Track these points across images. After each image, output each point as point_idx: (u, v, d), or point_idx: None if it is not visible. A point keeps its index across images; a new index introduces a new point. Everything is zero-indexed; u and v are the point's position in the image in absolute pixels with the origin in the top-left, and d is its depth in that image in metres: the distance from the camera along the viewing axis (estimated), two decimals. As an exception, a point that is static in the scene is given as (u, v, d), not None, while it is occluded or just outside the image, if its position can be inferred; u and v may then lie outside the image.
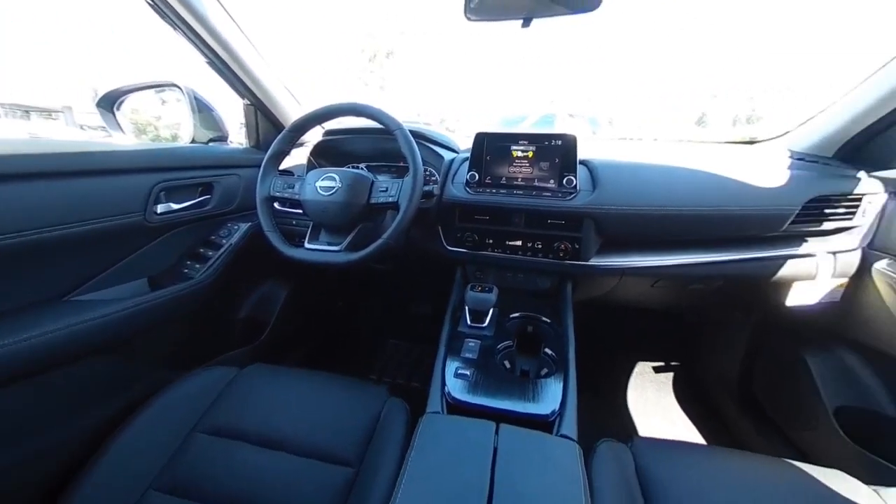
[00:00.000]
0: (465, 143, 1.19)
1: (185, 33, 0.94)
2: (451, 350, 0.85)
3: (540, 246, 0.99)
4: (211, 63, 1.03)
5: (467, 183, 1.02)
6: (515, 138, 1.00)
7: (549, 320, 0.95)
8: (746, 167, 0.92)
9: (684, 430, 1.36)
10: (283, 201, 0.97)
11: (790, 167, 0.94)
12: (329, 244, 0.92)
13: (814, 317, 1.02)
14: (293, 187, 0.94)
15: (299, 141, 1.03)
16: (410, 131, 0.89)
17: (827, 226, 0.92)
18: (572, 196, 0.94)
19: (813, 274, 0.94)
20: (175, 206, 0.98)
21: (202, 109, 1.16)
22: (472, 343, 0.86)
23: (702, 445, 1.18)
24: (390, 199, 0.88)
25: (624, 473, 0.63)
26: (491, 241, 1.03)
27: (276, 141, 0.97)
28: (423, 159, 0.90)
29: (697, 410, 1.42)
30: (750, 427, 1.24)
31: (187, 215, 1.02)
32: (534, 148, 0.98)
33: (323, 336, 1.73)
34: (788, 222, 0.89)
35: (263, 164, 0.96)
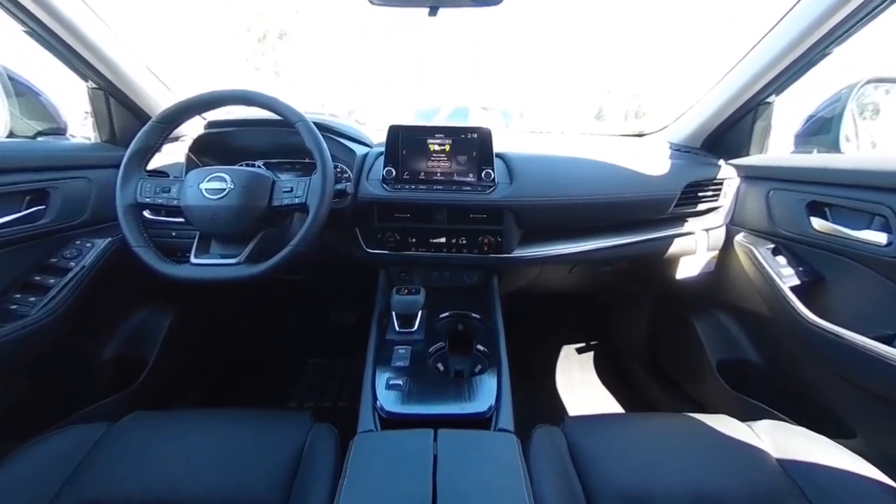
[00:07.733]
0: (376, 136, 1.16)
1: None
2: (380, 361, 0.83)
3: (464, 242, 1.04)
4: (31, 32, 0.83)
5: (384, 179, 1.01)
6: (431, 131, 1.01)
7: (478, 316, 1.00)
8: (638, 158, 1.10)
9: (607, 402, 1.55)
10: (156, 209, 0.84)
11: (670, 157, 1.14)
12: (223, 257, 0.82)
13: (698, 286, 1.25)
14: (169, 191, 0.81)
15: (172, 135, 0.89)
16: (315, 123, 0.84)
17: (701, 207, 1.15)
18: (491, 189, 1.00)
19: (693, 249, 1.17)
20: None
21: (22, 93, 0.93)
22: (402, 350, 0.86)
23: (621, 414, 1.40)
24: (297, 201, 0.81)
25: (558, 454, 0.69)
26: (414, 240, 1.04)
27: (139, 134, 0.82)
28: (332, 155, 0.85)
29: (616, 381, 1.64)
30: (657, 389, 1.47)
31: (6, 234, 0.81)
32: (450, 141, 1.01)
33: (225, 368, 1.54)
34: (673, 206, 1.08)
35: (123, 163, 0.81)
